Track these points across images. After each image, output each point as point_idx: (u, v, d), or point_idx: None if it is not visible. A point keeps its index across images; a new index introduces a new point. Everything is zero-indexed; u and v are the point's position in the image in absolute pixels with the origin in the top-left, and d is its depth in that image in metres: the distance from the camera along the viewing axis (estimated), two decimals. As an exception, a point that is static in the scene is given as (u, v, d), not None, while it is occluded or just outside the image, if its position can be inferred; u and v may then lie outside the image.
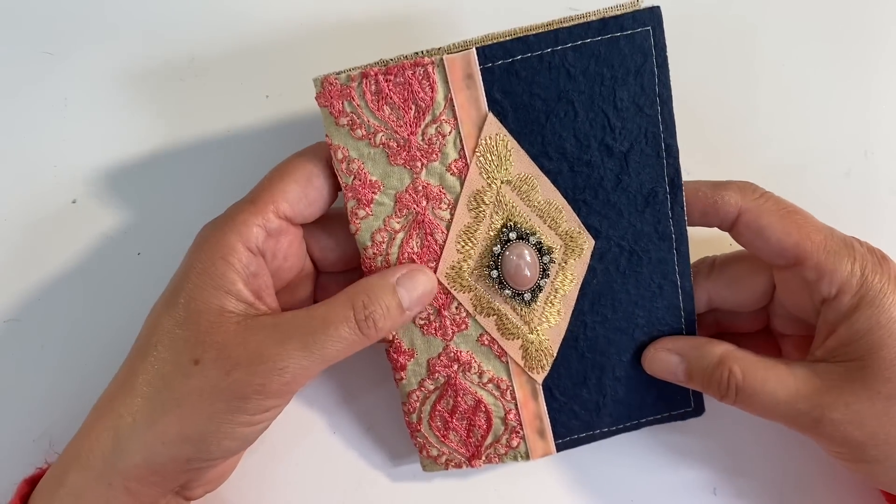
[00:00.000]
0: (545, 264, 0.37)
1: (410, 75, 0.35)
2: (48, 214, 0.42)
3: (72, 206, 0.42)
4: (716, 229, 0.38)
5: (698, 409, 0.41)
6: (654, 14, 0.33)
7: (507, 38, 0.34)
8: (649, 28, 0.34)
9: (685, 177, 0.36)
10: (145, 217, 0.42)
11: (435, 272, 0.37)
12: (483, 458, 0.40)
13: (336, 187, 0.37)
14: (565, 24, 0.34)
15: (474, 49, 0.34)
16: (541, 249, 0.37)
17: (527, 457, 0.40)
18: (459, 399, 0.39)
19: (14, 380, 0.43)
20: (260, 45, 0.41)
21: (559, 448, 0.40)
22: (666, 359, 0.38)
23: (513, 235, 0.37)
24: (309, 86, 0.40)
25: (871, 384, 0.34)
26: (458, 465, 0.41)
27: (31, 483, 0.38)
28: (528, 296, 0.37)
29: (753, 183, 0.36)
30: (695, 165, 0.38)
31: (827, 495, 0.42)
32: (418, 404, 0.40)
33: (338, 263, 0.39)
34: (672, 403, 0.40)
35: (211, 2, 0.41)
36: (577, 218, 0.37)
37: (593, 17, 0.34)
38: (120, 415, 0.34)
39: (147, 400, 0.34)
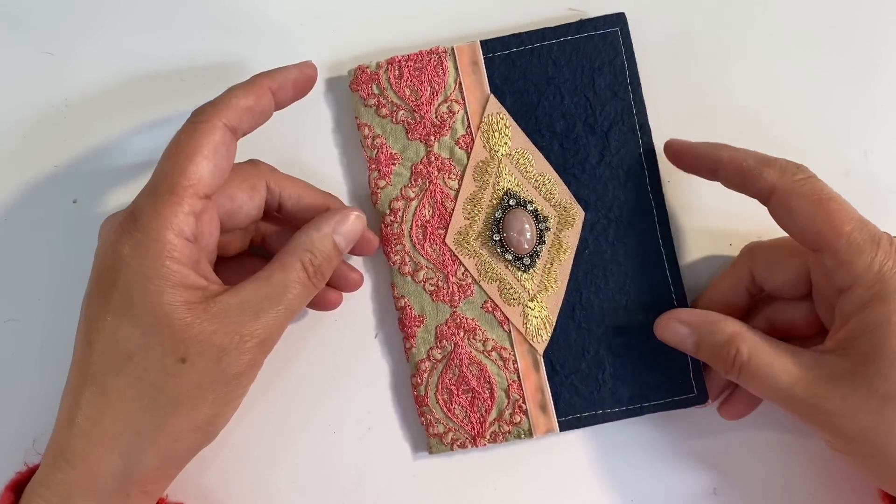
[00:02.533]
0: (541, 231, 0.41)
1: (427, 61, 0.41)
2: (48, 214, 0.42)
3: (72, 206, 0.43)
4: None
5: (701, 397, 0.41)
6: (620, 18, 0.42)
7: (506, 34, 0.42)
8: (617, 29, 0.42)
9: (687, 176, 0.41)
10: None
11: (444, 238, 0.41)
12: (488, 436, 0.41)
13: (234, 146, 0.37)
14: (551, 25, 0.42)
15: (479, 41, 0.41)
16: (538, 216, 0.41)
17: (530, 434, 0.41)
18: (465, 370, 0.41)
19: (14, 380, 0.41)
20: (260, 46, 0.43)
21: (562, 427, 0.41)
22: (678, 329, 0.39)
23: (512, 202, 0.41)
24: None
25: (871, 381, 0.34)
26: (463, 445, 0.41)
27: (15, 488, 0.36)
28: (527, 260, 0.41)
29: (804, 166, 0.37)
30: None
31: (827, 496, 0.42)
32: (426, 375, 0.41)
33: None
34: (673, 388, 0.41)
35: (211, 2, 0.43)
36: (568, 190, 0.42)
37: (574, 21, 0.42)
38: (119, 433, 0.34)
39: (145, 410, 0.34)
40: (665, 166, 0.42)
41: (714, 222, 0.43)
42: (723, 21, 0.44)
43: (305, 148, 0.43)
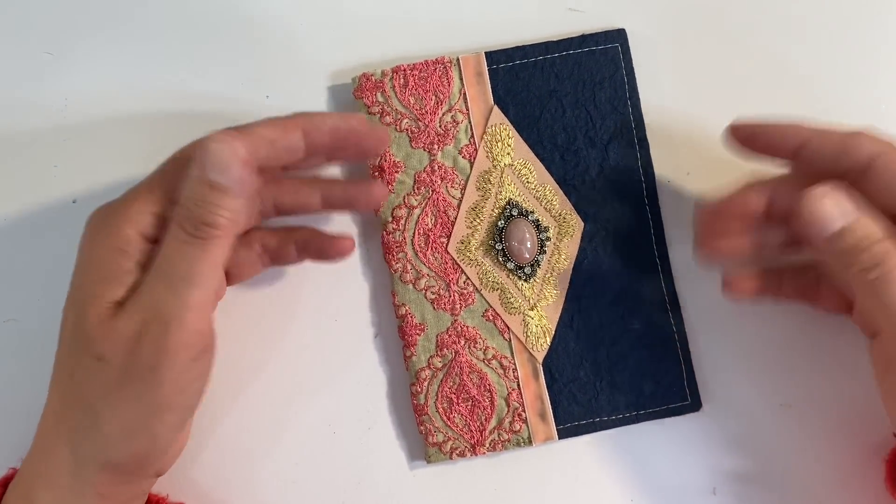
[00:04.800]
0: (542, 241, 0.42)
1: (432, 71, 0.42)
2: (48, 214, 0.42)
3: (72, 206, 0.43)
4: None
5: (695, 404, 0.42)
6: (621, 34, 0.43)
7: (510, 46, 0.42)
8: (618, 45, 0.43)
9: (687, 177, 0.43)
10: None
11: (446, 246, 0.42)
12: (487, 444, 0.41)
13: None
14: (554, 39, 0.42)
15: (483, 52, 0.42)
16: (538, 226, 0.42)
17: (529, 442, 0.41)
18: (465, 378, 0.41)
19: (14, 380, 0.41)
20: (260, 45, 0.43)
21: (561, 434, 0.42)
22: (841, 205, 0.35)
23: (514, 212, 0.42)
24: (309, 86, 0.44)
25: None
26: (462, 454, 0.41)
27: (5, 485, 0.36)
28: (528, 269, 0.42)
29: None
30: (696, 165, 0.43)
31: (827, 496, 0.43)
32: (426, 383, 0.41)
33: None
34: (668, 396, 0.42)
35: (213, 5, 0.43)
36: (568, 201, 0.42)
37: (577, 36, 0.42)
38: (71, 429, 0.34)
39: (84, 410, 0.34)
40: (663, 172, 0.43)
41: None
42: (720, 22, 0.44)
43: (308, 155, 0.43)
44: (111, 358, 0.33)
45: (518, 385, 0.42)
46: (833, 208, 0.35)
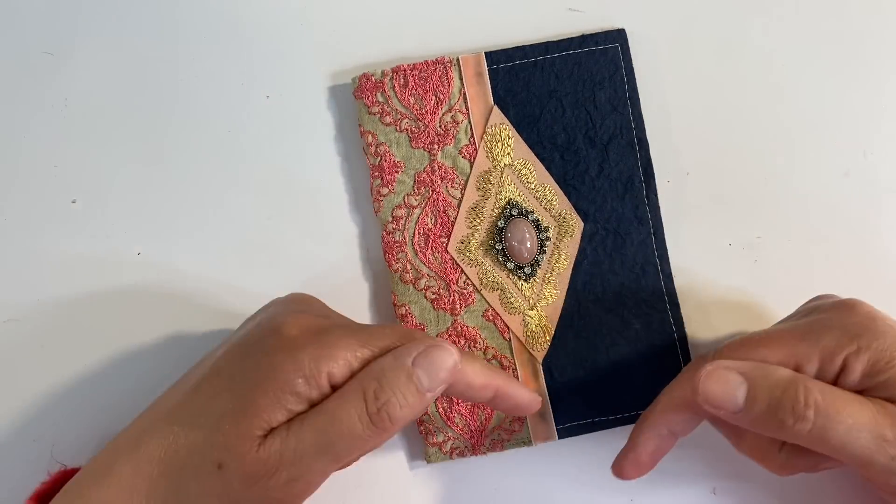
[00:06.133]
0: (542, 241, 0.42)
1: (432, 71, 0.42)
2: (48, 214, 0.42)
3: (72, 206, 0.43)
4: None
5: None
6: (621, 34, 0.43)
7: (510, 46, 0.42)
8: (618, 45, 0.43)
9: (686, 177, 0.43)
10: (145, 217, 0.43)
11: (447, 246, 0.42)
12: (487, 444, 0.41)
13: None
14: (554, 39, 0.42)
15: (483, 53, 0.42)
16: (538, 226, 0.42)
17: (529, 442, 0.42)
18: None
19: (14, 380, 0.41)
20: (260, 46, 0.43)
21: (560, 434, 0.42)
22: (725, 377, 0.33)
23: (514, 212, 0.42)
24: (309, 86, 0.44)
25: None
26: (462, 454, 0.41)
27: (37, 499, 0.35)
28: (528, 269, 0.42)
29: None
30: (695, 166, 0.44)
31: (826, 496, 0.43)
32: (427, 383, 0.42)
33: None
34: None
35: (213, 6, 0.43)
36: (567, 201, 0.42)
37: (577, 36, 0.42)
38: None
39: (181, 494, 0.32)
40: (662, 172, 0.43)
41: (714, 222, 0.44)
42: (720, 22, 0.44)
43: (307, 156, 0.43)
44: (232, 474, 0.31)
45: (518, 385, 0.42)
46: (724, 384, 0.33)
